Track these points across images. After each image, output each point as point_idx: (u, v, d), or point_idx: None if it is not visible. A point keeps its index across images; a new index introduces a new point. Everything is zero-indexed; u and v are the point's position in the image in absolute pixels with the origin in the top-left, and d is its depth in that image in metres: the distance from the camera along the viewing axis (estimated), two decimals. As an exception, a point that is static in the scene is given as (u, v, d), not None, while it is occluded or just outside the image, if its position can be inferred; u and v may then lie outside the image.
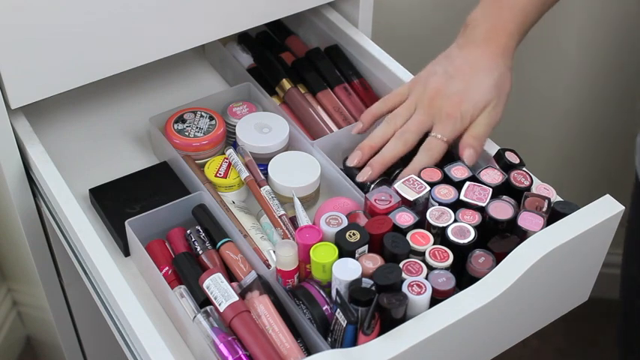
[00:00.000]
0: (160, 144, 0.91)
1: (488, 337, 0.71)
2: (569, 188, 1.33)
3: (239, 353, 0.67)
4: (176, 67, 1.04)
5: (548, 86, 1.42)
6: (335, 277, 0.67)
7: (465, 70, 0.82)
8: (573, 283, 0.77)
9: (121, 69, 0.86)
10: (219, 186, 0.85)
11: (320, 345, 0.68)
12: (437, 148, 0.80)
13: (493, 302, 0.65)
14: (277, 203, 0.82)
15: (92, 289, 0.80)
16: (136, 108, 0.99)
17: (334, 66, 0.99)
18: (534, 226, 0.71)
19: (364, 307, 0.65)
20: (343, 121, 0.94)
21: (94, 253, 0.74)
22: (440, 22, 1.34)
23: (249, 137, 0.88)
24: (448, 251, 0.70)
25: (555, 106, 1.46)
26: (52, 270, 1.00)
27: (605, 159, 1.53)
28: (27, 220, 0.91)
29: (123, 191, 0.85)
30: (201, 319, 0.70)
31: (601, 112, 1.46)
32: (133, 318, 0.69)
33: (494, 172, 0.77)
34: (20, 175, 0.86)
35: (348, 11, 1.02)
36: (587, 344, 1.64)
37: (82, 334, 1.11)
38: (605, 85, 1.42)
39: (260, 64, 1.01)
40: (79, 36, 0.81)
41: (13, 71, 0.79)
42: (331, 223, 0.72)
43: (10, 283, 1.45)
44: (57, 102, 0.95)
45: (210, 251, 0.77)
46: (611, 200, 0.73)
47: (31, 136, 0.85)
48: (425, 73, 0.85)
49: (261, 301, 0.71)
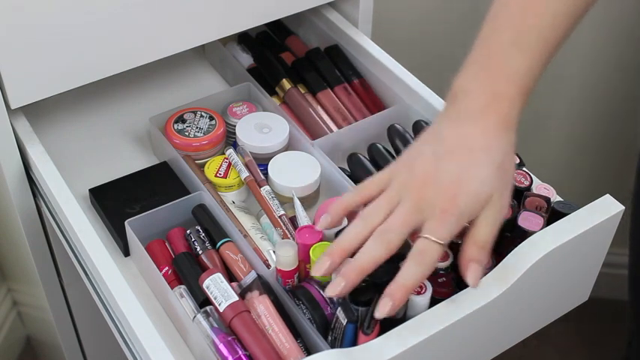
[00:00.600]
0: (160, 144, 0.91)
1: (488, 337, 0.71)
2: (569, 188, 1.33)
3: (239, 353, 0.67)
4: (176, 67, 1.04)
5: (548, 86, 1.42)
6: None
7: (460, 151, 0.65)
8: (573, 283, 0.77)
9: (121, 69, 0.86)
10: (219, 186, 0.85)
11: (320, 345, 0.68)
12: (431, 253, 0.63)
13: (493, 302, 0.65)
14: (277, 203, 0.82)
15: (92, 289, 0.80)
16: (136, 108, 0.99)
17: (334, 66, 0.99)
18: (534, 226, 0.71)
19: (364, 307, 0.65)
20: (343, 121, 0.94)
21: (94, 253, 0.74)
22: (440, 22, 1.34)
23: (249, 137, 0.88)
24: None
25: (555, 106, 1.46)
26: (52, 270, 1.00)
27: (605, 159, 1.53)
28: (27, 220, 0.91)
29: (123, 191, 0.85)
30: (201, 319, 0.70)
31: (601, 112, 1.46)
32: (133, 318, 0.69)
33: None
34: (20, 175, 0.86)
35: (348, 11, 1.02)
36: (587, 344, 1.64)
37: (82, 334, 1.11)
38: (605, 85, 1.42)
39: (260, 64, 1.01)
40: (79, 36, 0.81)
41: (13, 71, 0.79)
42: (331, 223, 0.72)
43: (10, 283, 1.45)
44: (57, 102, 0.95)
45: (210, 251, 0.77)
46: (611, 200, 0.73)
47: (31, 136, 0.85)
48: (408, 156, 0.68)
49: (261, 301, 0.71)
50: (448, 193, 0.64)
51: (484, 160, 0.65)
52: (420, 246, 0.63)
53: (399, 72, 0.93)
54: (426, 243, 0.63)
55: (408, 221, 0.64)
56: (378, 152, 0.87)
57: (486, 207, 0.65)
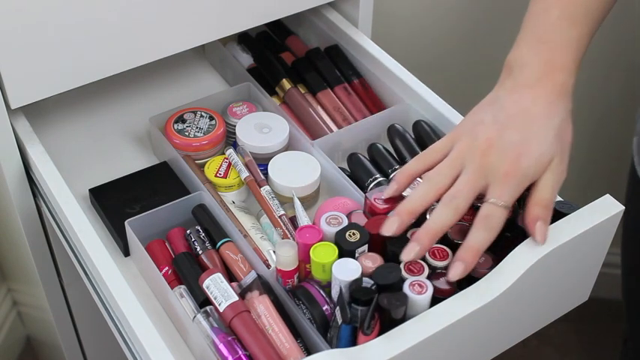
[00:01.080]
0: (160, 144, 0.91)
1: (488, 337, 0.71)
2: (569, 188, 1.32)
3: (239, 353, 0.67)
4: (176, 67, 1.04)
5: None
6: (335, 277, 0.67)
7: (520, 117, 0.68)
8: (573, 283, 0.77)
9: (121, 69, 0.86)
10: (219, 186, 0.85)
11: (320, 345, 0.68)
12: (496, 217, 0.66)
13: (493, 302, 0.65)
14: (277, 203, 0.82)
15: (92, 289, 0.80)
16: (136, 108, 0.99)
17: (334, 66, 0.99)
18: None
19: (364, 307, 0.65)
20: (343, 121, 0.94)
21: (94, 253, 0.74)
22: (440, 22, 1.34)
23: (249, 137, 0.88)
24: (448, 250, 0.70)
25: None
26: (52, 270, 1.00)
27: (604, 159, 1.53)
28: (27, 220, 0.91)
29: (123, 191, 0.85)
30: (201, 319, 0.70)
31: (601, 111, 1.46)
32: (133, 318, 0.69)
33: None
34: (20, 175, 0.86)
35: (348, 11, 1.02)
36: (587, 344, 1.64)
37: (82, 334, 1.11)
38: (605, 85, 1.42)
39: (260, 64, 1.01)
40: (79, 36, 0.81)
41: (13, 71, 0.79)
42: (331, 222, 0.72)
43: (10, 283, 1.45)
44: (57, 102, 0.95)
45: (210, 251, 0.77)
46: (611, 200, 0.72)
47: (31, 136, 0.85)
48: (469, 123, 0.71)
49: (261, 301, 0.71)
50: (511, 157, 0.67)
51: (544, 125, 0.68)
52: (485, 211, 0.66)
53: (399, 72, 0.93)
54: (491, 208, 0.66)
55: (474, 186, 0.67)
56: (378, 152, 0.87)
57: (547, 170, 0.68)
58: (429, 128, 0.88)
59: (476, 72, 1.38)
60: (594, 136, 1.50)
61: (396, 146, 0.88)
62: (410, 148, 0.86)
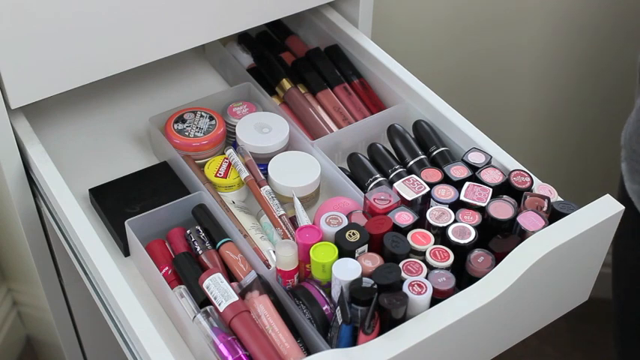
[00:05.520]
0: (159, 144, 0.91)
1: (488, 337, 0.71)
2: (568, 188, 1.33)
3: (239, 353, 0.67)
4: (176, 67, 1.05)
5: (548, 86, 1.42)
6: (335, 277, 0.67)
7: None
8: (573, 283, 0.77)
9: (121, 69, 0.86)
10: (219, 186, 0.85)
11: (320, 345, 0.68)
12: None
13: (493, 302, 0.65)
14: (277, 203, 0.82)
15: (92, 289, 0.80)
16: (136, 108, 0.99)
17: (334, 66, 0.99)
18: (534, 225, 0.71)
19: (364, 306, 0.65)
20: (343, 121, 0.94)
21: (94, 253, 0.74)
22: (440, 22, 1.34)
23: (249, 137, 0.88)
24: (449, 251, 0.70)
25: (555, 106, 1.46)
26: (52, 270, 1.00)
27: (605, 159, 1.53)
28: (27, 220, 0.91)
29: (123, 191, 0.85)
30: (201, 319, 0.70)
31: (602, 111, 1.46)
32: (133, 318, 0.69)
33: (494, 171, 0.77)
34: (20, 175, 0.86)
35: (348, 11, 1.02)
36: (587, 344, 1.64)
37: (82, 334, 1.11)
38: (605, 85, 1.42)
39: (260, 64, 1.01)
40: (79, 36, 0.81)
41: (13, 71, 0.79)
42: (331, 222, 0.72)
43: (10, 283, 1.45)
44: (57, 102, 0.95)
45: (210, 251, 0.77)
46: (611, 200, 0.73)
47: (31, 136, 0.85)
48: None
49: (261, 301, 0.71)
50: None
51: None
52: None
53: (399, 72, 0.93)
54: None
55: None
56: (378, 152, 0.87)
57: None
58: (429, 128, 0.88)
59: (476, 72, 1.38)
60: (594, 136, 1.50)
61: (396, 146, 0.88)
62: (410, 148, 0.86)
